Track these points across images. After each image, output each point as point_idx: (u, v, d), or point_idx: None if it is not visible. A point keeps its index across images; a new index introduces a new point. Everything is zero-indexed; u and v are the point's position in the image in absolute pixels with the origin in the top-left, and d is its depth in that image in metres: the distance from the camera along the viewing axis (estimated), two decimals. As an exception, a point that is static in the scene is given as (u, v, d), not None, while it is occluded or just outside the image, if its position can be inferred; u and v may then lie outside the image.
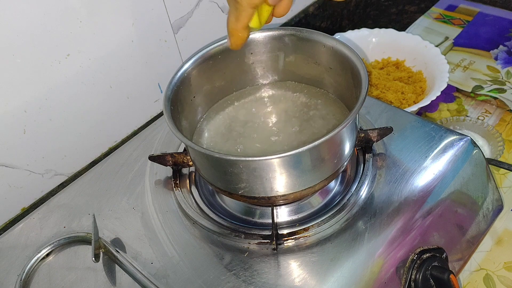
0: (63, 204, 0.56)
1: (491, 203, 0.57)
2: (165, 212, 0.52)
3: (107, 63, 0.63)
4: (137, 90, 0.69)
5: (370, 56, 0.86)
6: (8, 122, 0.57)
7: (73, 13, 0.57)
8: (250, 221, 0.51)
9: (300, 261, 0.46)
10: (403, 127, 0.57)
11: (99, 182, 0.57)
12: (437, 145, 0.54)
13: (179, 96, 0.50)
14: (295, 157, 0.42)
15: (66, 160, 0.65)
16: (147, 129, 0.64)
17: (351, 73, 0.48)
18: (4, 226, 0.62)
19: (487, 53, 0.88)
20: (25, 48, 0.54)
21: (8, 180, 0.60)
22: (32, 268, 0.49)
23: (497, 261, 0.60)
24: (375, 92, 0.79)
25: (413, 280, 0.47)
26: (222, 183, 0.47)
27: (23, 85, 0.56)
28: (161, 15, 0.66)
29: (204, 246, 0.48)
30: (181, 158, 0.55)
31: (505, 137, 0.74)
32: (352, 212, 0.49)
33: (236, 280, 0.45)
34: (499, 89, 0.82)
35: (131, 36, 0.64)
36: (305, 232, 0.48)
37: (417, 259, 0.48)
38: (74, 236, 0.51)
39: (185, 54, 0.72)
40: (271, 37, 0.53)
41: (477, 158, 0.55)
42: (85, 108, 0.64)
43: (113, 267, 0.49)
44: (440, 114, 0.79)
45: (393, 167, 0.53)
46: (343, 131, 0.43)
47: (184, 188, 0.54)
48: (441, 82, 0.74)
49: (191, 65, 0.51)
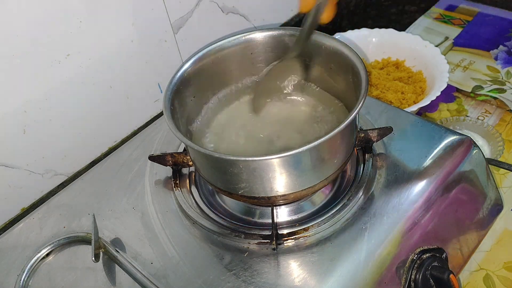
0: (63, 204, 0.56)
1: (491, 203, 0.57)
2: (165, 212, 0.52)
3: (107, 63, 0.63)
4: (137, 90, 0.69)
5: (370, 56, 0.86)
6: (8, 122, 0.57)
7: (73, 13, 0.57)
8: (250, 221, 0.51)
9: (300, 261, 0.46)
10: (403, 127, 0.57)
11: (99, 182, 0.57)
12: (437, 145, 0.54)
13: (179, 96, 0.50)
14: (295, 157, 0.42)
15: (66, 160, 0.65)
16: (147, 129, 0.64)
17: (351, 73, 0.48)
18: (4, 226, 0.62)
19: (487, 53, 0.88)
20: (25, 48, 0.54)
21: (8, 180, 0.60)
22: (32, 268, 0.49)
23: (497, 261, 0.60)
24: (375, 92, 0.79)
25: (413, 280, 0.47)
26: (222, 183, 0.47)
27: (23, 85, 0.56)
28: (161, 15, 0.66)
29: (204, 246, 0.48)
30: (181, 158, 0.55)
31: (505, 137, 0.74)
32: (352, 212, 0.49)
33: (236, 280, 0.45)
34: (499, 89, 0.82)
35: (131, 36, 0.64)
36: (305, 232, 0.48)
37: (417, 259, 0.48)
38: (74, 236, 0.51)
39: (185, 54, 0.72)
40: (271, 37, 0.53)
41: (477, 158, 0.55)
42: (85, 108, 0.64)
43: (113, 267, 0.49)
44: (440, 114, 0.79)
45: (393, 167, 0.53)
46: (343, 131, 0.43)
47: (184, 188, 0.54)
48: (441, 82, 0.74)
49: (191, 65, 0.51)
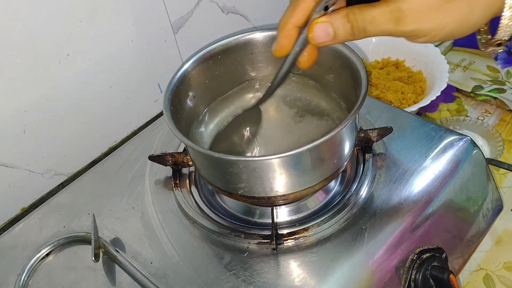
0: (63, 204, 0.56)
1: (491, 203, 0.57)
2: (165, 212, 0.52)
3: (107, 63, 0.63)
4: (137, 90, 0.69)
5: (370, 56, 0.86)
6: (8, 122, 0.57)
7: (73, 13, 0.57)
8: (250, 221, 0.51)
9: (300, 261, 0.46)
10: (403, 127, 0.57)
11: (99, 182, 0.57)
12: (437, 145, 0.54)
13: (179, 96, 0.50)
14: (295, 157, 0.42)
15: (66, 160, 0.65)
16: (147, 129, 0.64)
17: (351, 73, 0.48)
18: (4, 226, 0.62)
19: (487, 53, 0.88)
20: (25, 48, 0.54)
21: (8, 180, 0.60)
22: (32, 268, 0.49)
23: (497, 261, 0.60)
24: (375, 92, 0.78)
25: (413, 280, 0.47)
26: (222, 183, 0.47)
27: (23, 85, 0.56)
28: (161, 15, 0.66)
29: (204, 246, 0.48)
30: (181, 158, 0.55)
31: (505, 137, 0.74)
32: (352, 212, 0.49)
33: (236, 280, 0.45)
34: (499, 89, 0.82)
35: (131, 36, 0.64)
36: (305, 232, 0.48)
37: (417, 259, 0.48)
38: (74, 236, 0.51)
39: (185, 54, 0.72)
40: (271, 37, 0.53)
41: (477, 158, 0.55)
42: (85, 108, 0.64)
43: (112, 267, 0.49)
44: (440, 114, 0.79)
45: (393, 167, 0.53)
46: (343, 131, 0.43)
47: (184, 188, 0.54)
48: (441, 82, 0.74)
49: (191, 65, 0.51)
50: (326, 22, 0.38)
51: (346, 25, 0.37)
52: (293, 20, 0.39)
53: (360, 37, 0.38)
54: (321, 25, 0.38)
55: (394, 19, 0.35)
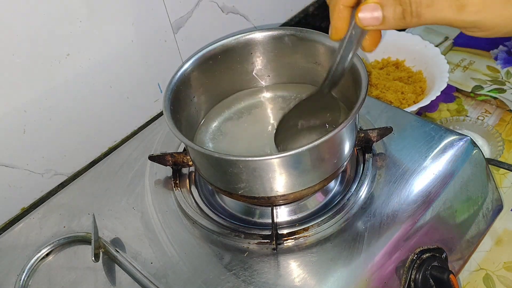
0: (63, 204, 0.56)
1: (491, 203, 0.57)
2: (165, 212, 0.52)
3: (107, 63, 0.63)
4: (137, 90, 0.69)
5: (370, 56, 0.86)
6: (8, 122, 0.57)
7: (73, 13, 0.57)
8: (250, 221, 0.51)
9: (300, 261, 0.46)
10: (403, 127, 0.57)
11: (99, 182, 0.57)
12: (437, 145, 0.54)
13: (179, 96, 0.50)
14: (295, 157, 0.42)
15: (66, 160, 0.65)
16: (147, 129, 0.64)
17: (351, 73, 0.48)
18: (4, 226, 0.62)
19: (487, 53, 0.88)
20: (25, 48, 0.54)
21: (8, 180, 0.60)
22: (32, 268, 0.49)
23: (497, 261, 0.60)
24: (375, 92, 0.78)
25: (413, 280, 0.47)
26: (222, 183, 0.47)
27: (23, 85, 0.56)
28: (161, 15, 0.66)
29: (204, 246, 0.48)
30: (181, 158, 0.55)
31: (505, 137, 0.74)
32: (352, 212, 0.49)
33: (236, 280, 0.45)
34: (499, 89, 0.82)
35: (131, 36, 0.64)
36: (305, 232, 0.48)
37: (417, 259, 0.48)
38: (74, 236, 0.51)
39: (185, 54, 0.72)
40: (271, 37, 0.53)
41: (477, 158, 0.55)
42: (85, 108, 0.64)
43: (112, 267, 0.49)
44: (440, 114, 0.79)
45: (393, 167, 0.53)
46: (343, 131, 0.43)
47: (184, 188, 0.54)
48: (441, 82, 0.74)
49: (191, 65, 0.51)
50: (375, 2, 0.34)
51: (397, 8, 0.33)
52: (343, 0, 0.36)
53: (412, 23, 0.33)
54: (369, 5, 0.34)
55: (457, 5, 0.31)
